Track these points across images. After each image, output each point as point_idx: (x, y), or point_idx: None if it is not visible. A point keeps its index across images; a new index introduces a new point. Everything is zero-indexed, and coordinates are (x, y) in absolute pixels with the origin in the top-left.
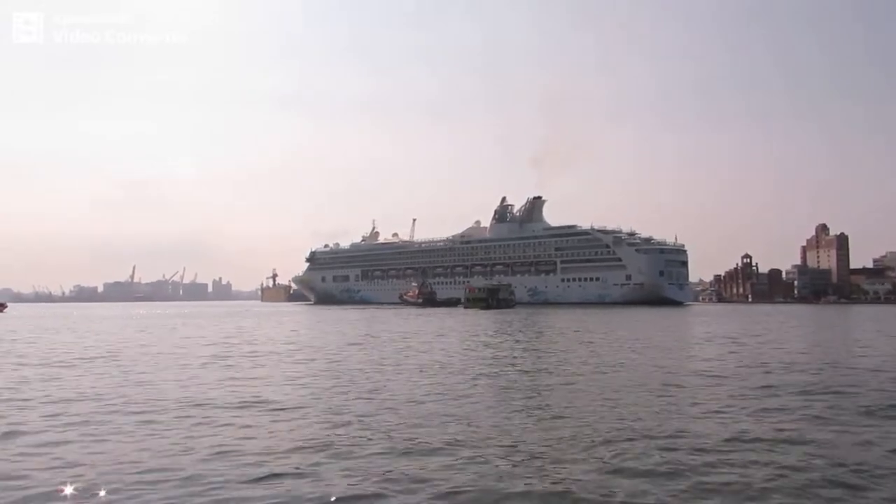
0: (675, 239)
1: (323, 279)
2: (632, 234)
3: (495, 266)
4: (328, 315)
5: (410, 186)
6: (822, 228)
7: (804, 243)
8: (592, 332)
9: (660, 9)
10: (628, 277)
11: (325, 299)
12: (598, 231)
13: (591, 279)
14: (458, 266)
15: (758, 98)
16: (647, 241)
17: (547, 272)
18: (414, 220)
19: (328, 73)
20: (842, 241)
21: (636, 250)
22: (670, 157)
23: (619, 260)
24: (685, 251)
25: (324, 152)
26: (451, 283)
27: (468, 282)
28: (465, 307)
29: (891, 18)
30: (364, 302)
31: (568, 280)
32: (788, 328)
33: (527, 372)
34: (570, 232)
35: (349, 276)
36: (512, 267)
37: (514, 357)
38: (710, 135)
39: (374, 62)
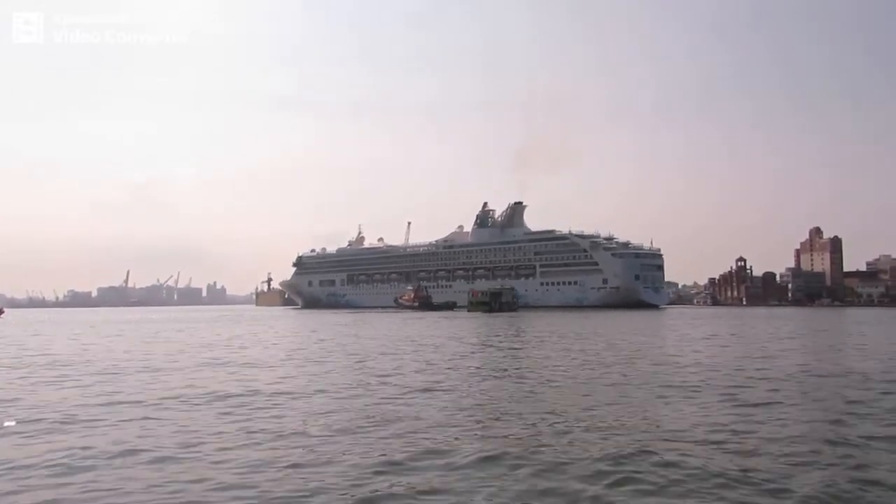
0: (651, 243)
1: (309, 283)
2: (609, 239)
3: (477, 270)
4: (326, 320)
5: (409, 188)
6: (816, 231)
7: (798, 246)
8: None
9: (659, 9)
10: (605, 281)
11: (311, 303)
12: (576, 236)
13: (569, 283)
14: (441, 270)
15: (755, 100)
16: (625, 245)
17: (527, 276)
18: (409, 223)
19: (328, 74)
20: (836, 245)
21: (612, 254)
22: (667, 159)
23: (596, 264)
24: (661, 255)
25: (323, 154)
26: (434, 286)
27: (451, 286)
28: (469, 310)
29: (890, 20)
30: (349, 306)
31: (547, 284)
32: (750, 330)
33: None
34: (548, 237)
35: (335, 281)
36: (493, 271)
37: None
38: (707, 137)
39: (373, 63)
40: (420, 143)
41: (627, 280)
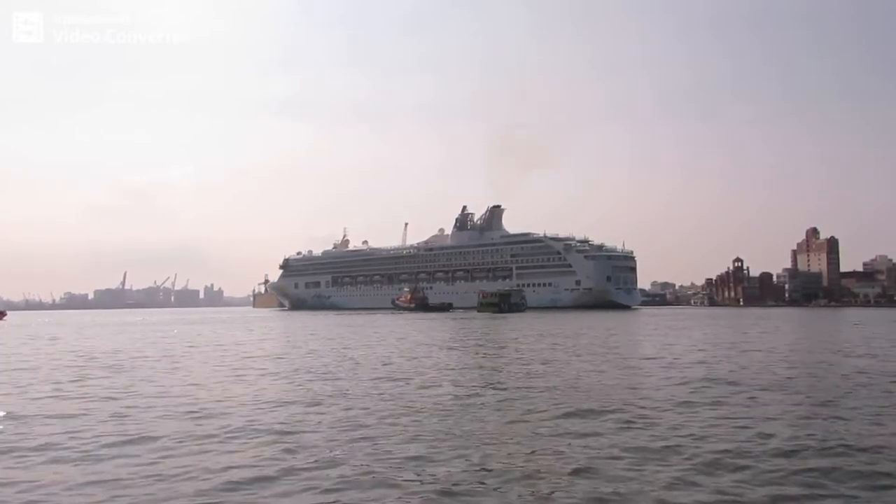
0: (623, 245)
1: (296, 286)
2: (584, 241)
3: (456, 272)
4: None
5: (407, 190)
6: (813, 232)
7: (795, 247)
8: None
9: (657, 13)
10: (578, 283)
11: (298, 305)
12: (551, 238)
13: (544, 284)
14: (422, 273)
15: (753, 101)
16: (599, 248)
17: (504, 278)
18: (406, 224)
19: (326, 78)
20: (832, 245)
21: (585, 257)
22: (665, 159)
23: (570, 266)
24: (633, 257)
25: (320, 157)
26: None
27: (431, 287)
28: (478, 311)
29: (886, 21)
30: (334, 307)
31: (522, 285)
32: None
33: None
34: (524, 239)
35: (320, 283)
36: (471, 273)
37: None
38: (704, 137)
39: (371, 66)
40: (417, 145)
41: (599, 281)
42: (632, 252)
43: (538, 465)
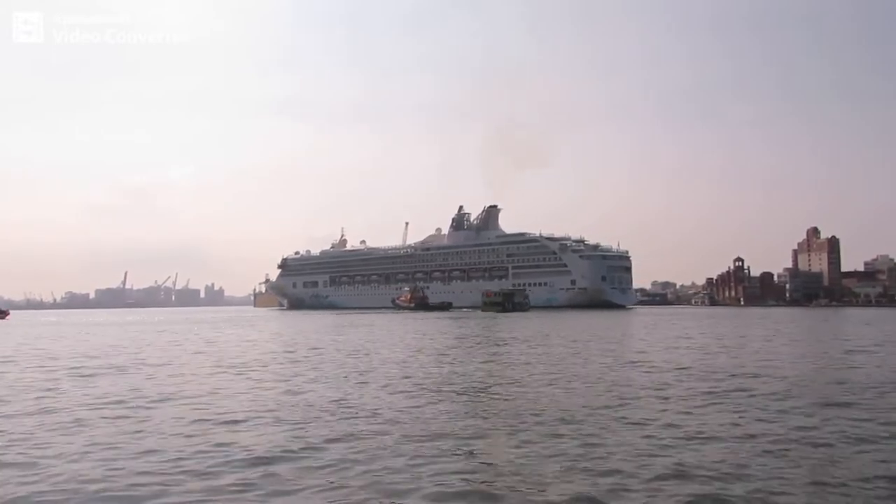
0: (618, 245)
1: (294, 285)
2: (579, 241)
3: (452, 272)
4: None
5: (406, 191)
6: (814, 232)
7: (796, 247)
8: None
9: (656, 13)
10: (573, 282)
11: (296, 304)
12: (546, 238)
13: (540, 284)
14: (419, 272)
15: (753, 101)
16: (594, 247)
17: (500, 277)
18: (406, 223)
19: (325, 78)
20: (833, 245)
21: (580, 256)
22: (665, 159)
23: (565, 265)
24: (628, 257)
25: (320, 157)
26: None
27: (428, 287)
28: (483, 310)
29: (886, 21)
30: (332, 307)
31: (518, 285)
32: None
33: None
34: (520, 239)
35: (318, 283)
36: (468, 273)
37: None
38: (705, 137)
39: (371, 66)
40: (416, 145)
41: (594, 281)
42: (627, 252)
43: None
